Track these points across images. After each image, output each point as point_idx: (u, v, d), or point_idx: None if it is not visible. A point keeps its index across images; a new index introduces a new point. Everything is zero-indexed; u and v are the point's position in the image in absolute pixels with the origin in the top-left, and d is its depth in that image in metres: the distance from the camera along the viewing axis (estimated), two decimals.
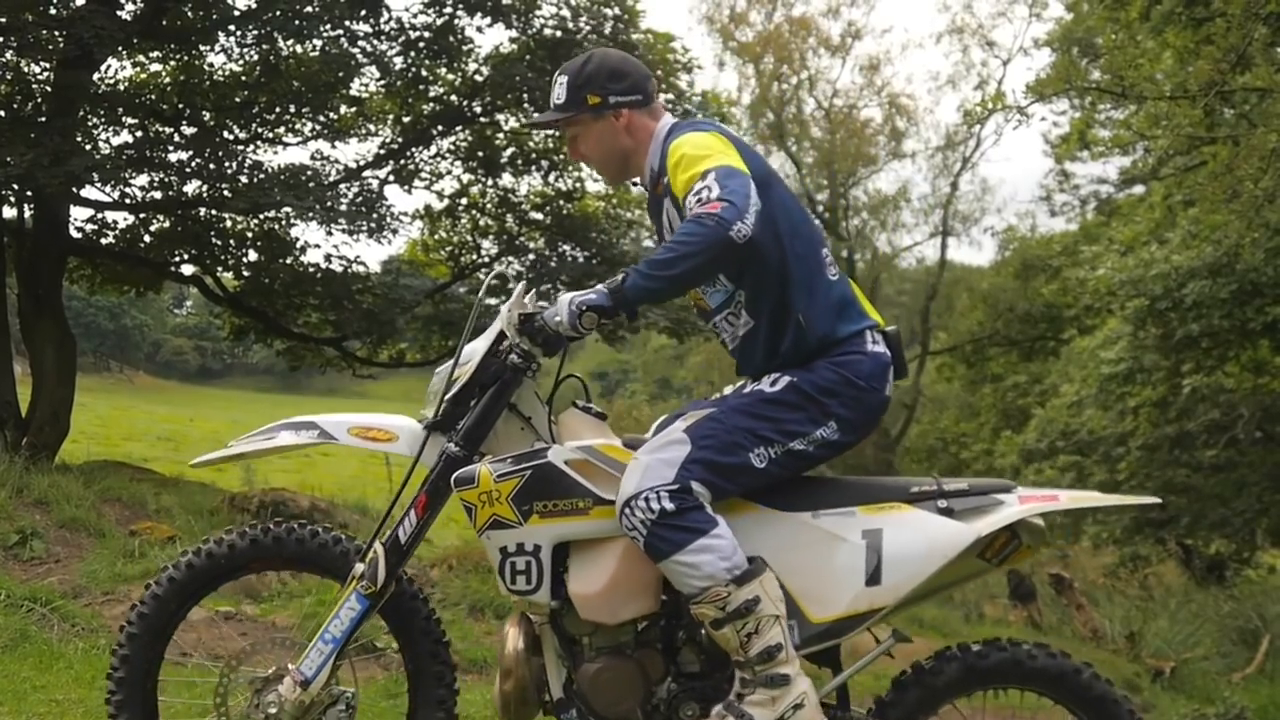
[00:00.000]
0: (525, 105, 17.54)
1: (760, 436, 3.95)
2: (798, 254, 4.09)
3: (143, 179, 15.80)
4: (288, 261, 17.13)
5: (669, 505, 3.78)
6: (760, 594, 3.81)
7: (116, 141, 16.00)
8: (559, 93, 4.25)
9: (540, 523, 3.91)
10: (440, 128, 18.30)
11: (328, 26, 15.98)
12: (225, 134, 16.78)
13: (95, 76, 15.11)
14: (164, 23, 15.31)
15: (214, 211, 16.42)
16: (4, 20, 13.57)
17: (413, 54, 17.35)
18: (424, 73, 17.80)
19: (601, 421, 4.20)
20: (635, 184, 4.49)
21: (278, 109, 16.93)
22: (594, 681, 3.97)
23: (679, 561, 3.78)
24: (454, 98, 18.11)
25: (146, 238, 17.13)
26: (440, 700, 4.23)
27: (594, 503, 3.93)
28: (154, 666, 4.15)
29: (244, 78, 16.80)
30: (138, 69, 17.03)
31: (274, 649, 4.22)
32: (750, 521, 3.99)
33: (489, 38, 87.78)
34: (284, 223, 16.93)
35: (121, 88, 16.38)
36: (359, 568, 4.05)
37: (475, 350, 4.14)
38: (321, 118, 17.41)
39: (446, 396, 4.11)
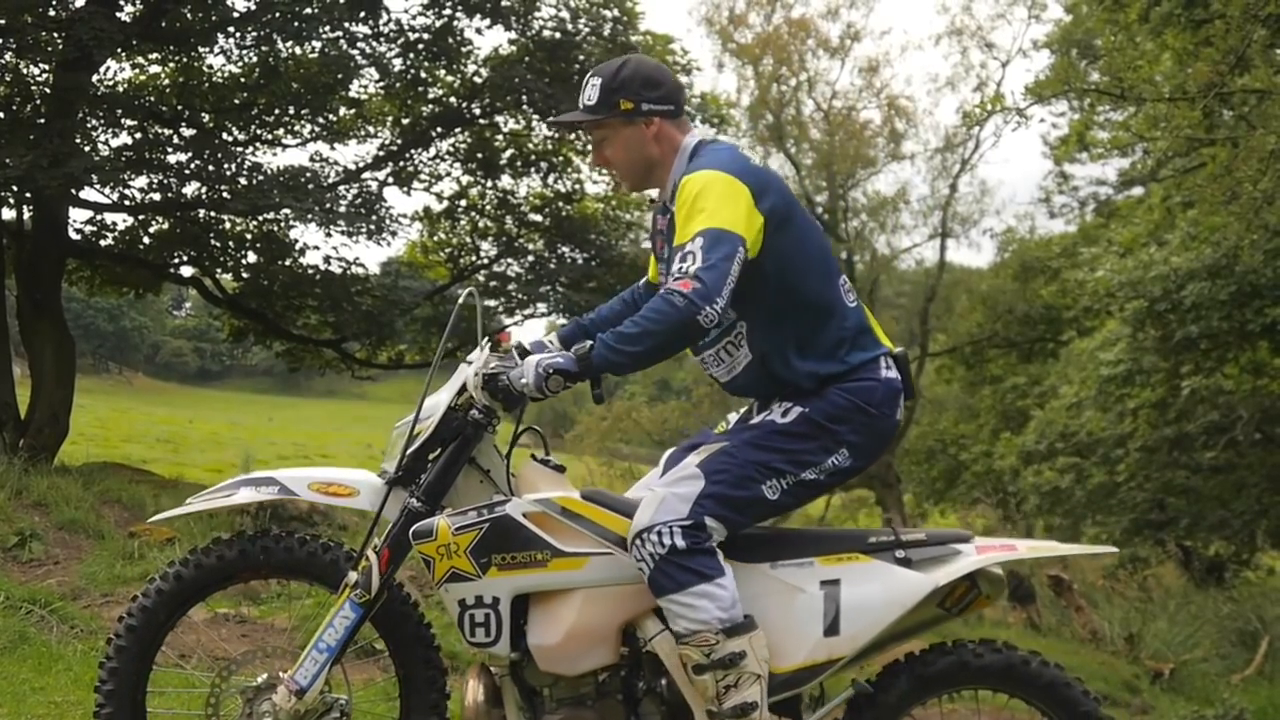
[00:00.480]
0: (524, 107, 17.57)
1: (772, 469, 3.96)
2: (813, 287, 4.08)
3: (142, 181, 15.81)
4: (287, 263, 17.15)
5: (680, 542, 3.80)
6: (748, 650, 3.83)
7: (115, 143, 16.03)
8: (591, 94, 4.19)
9: (499, 575, 3.92)
10: (439, 129, 18.32)
11: (327, 28, 15.99)
12: (224, 136, 16.78)
13: (94, 78, 15.11)
14: (163, 24, 15.32)
15: (213, 213, 16.44)
16: (3, 22, 13.59)
17: (412, 56, 17.38)
18: (423, 74, 17.82)
19: (560, 474, 4.21)
20: (652, 199, 4.43)
21: (277, 111, 16.94)
22: None
23: (677, 600, 3.80)
24: (453, 99, 18.13)
25: (145, 239, 17.13)
26: (433, 705, 4.23)
27: (552, 555, 3.95)
28: (142, 678, 4.13)
29: (243, 79, 16.81)
30: (137, 71, 17.04)
31: (266, 657, 4.21)
32: None
33: (488, 39, 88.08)
34: (283, 224, 16.94)
35: (120, 89, 16.38)
36: (352, 576, 4.04)
37: (437, 404, 4.11)
38: (321, 119, 17.42)
39: (408, 451, 4.10)
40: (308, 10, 15.67)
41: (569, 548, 3.95)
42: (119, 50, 15.25)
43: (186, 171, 15.63)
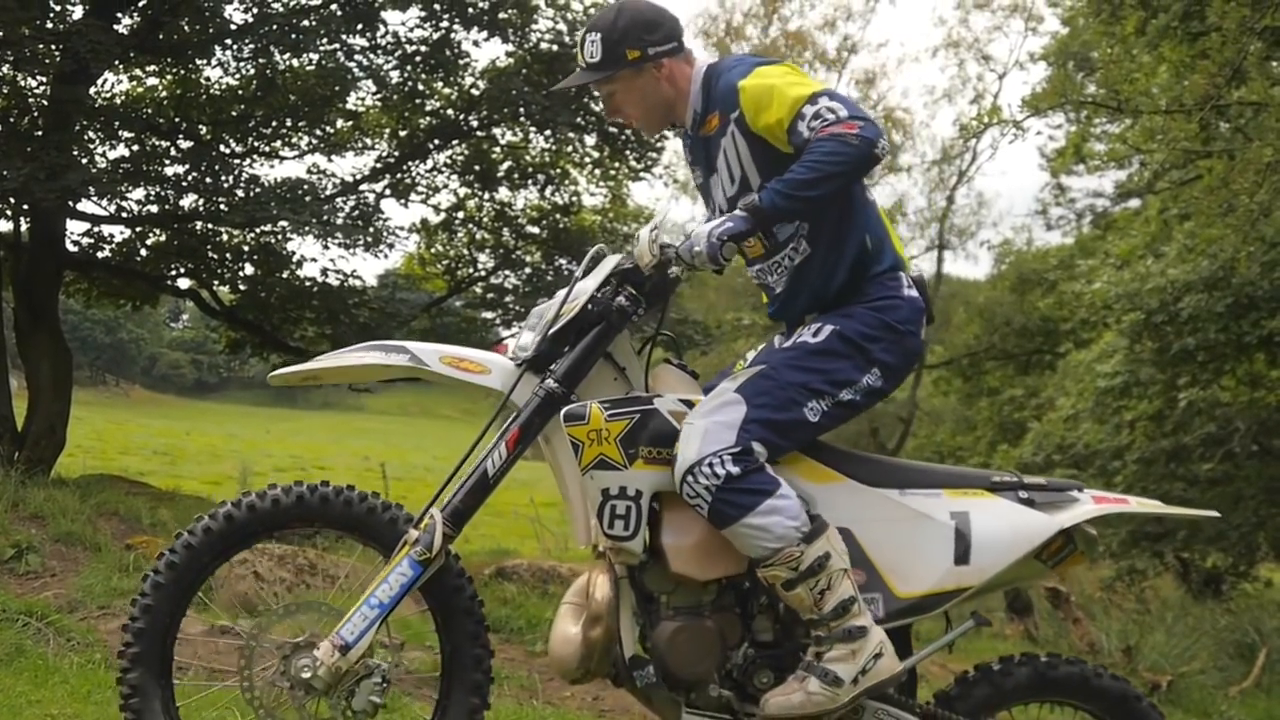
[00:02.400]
0: (522, 119, 17.58)
1: (812, 390, 3.93)
2: (859, 184, 4.10)
3: (139, 193, 15.85)
4: (284, 275, 17.15)
5: (733, 469, 3.75)
6: (829, 549, 3.80)
7: (113, 155, 16.05)
8: (592, 50, 4.15)
9: (644, 468, 3.86)
10: (437, 141, 18.32)
11: (324, 41, 16.02)
12: (222, 148, 16.79)
13: (92, 90, 15.13)
14: (160, 37, 15.34)
15: (210, 225, 16.44)
16: (0, 34, 13.58)
17: (409, 68, 17.39)
18: (420, 87, 17.83)
19: (694, 380, 4.17)
20: (672, 130, 4.43)
21: (274, 123, 16.96)
22: (672, 641, 3.89)
23: (748, 525, 3.75)
24: (450, 111, 18.14)
25: (143, 251, 17.15)
26: (476, 685, 4.04)
27: None
28: (175, 621, 3.92)
29: (240, 92, 16.82)
30: (134, 83, 17.06)
31: (306, 614, 4.02)
32: (838, 492, 4.00)
33: (485, 52, 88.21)
34: (280, 236, 16.93)
35: (118, 102, 16.41)
36: (413, 533, 3.86)
37: (584, 289, 4.01)
38: (318, 131, 17.44)
39: (550, 332, 3.98)
40: (305, 23, 15.71)
41: None
42: (116, 63, 15.27)
43: (184, 184, 15.64)
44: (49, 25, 14.16)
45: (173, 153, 16.27)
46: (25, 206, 14.45)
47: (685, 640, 3.90)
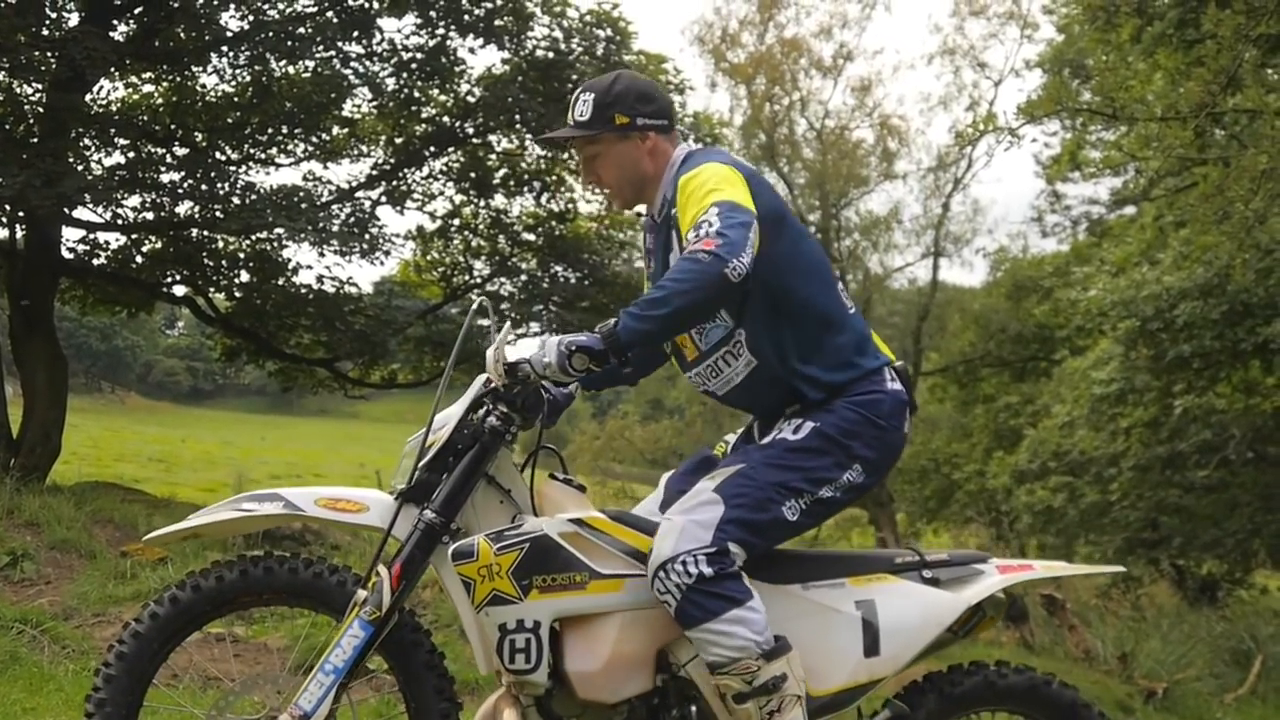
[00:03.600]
0: (517, 126, 17.60)
1: (791, 489, 3.88)
2: (812, 292, 4.02)
3: (135, 200, 15.83)
4: (280, 282, 17.14)
5: (706, 570, 3.70)
6: (787, 672, 3.75)
7: (109, 162, 16.05)
8: (583, 109, 4.11)
9: (540, 598, 3.77)
10: (432, 148, 18.34)
11: (320, 48, 16.04)
12: (217, 155, 16.79)
13: (87, 98, 15.13)
14: (156, 44, 15.36)
15: (206, 232, 16.44)
16: None
17: (405, 75, 17.40)
18: (416, 94, 17.85)
19: (582, 494, 4.10)
20: (640, 214, 4.37)
21: (270, 130, 16.96)
22: None
23: (711, 630, 3.70)
24: (446, 119, 18.16)
25: (138, 258, 17.13)
26: None
27: (590, 576, 3.82)
28: (133, 711, 3.84)
29: (236, 99, 16.83)
30: (130, 90, 17.07)
31: (262, 686, 3.97)
32: None
33: (481, 59, 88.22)
34: (276, 244, 16.94)
35: (114, 109, 16.42)
36: (361, 594, 3.79)
37: (450, 415, 3.95)
38: (314, 139, 17.45)
39: (421, 463, 3.90)
40: (301, 30, 15.72)
41: (605, 569, 3.83)
42: (112, 70, 15.27)
43: (179, 191, 15.64)
44: (45, 32, 14.17)
45: (169, 160, 16.28)
46: (21, 213, 14.46)
47: None
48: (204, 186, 15.57)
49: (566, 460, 4.35)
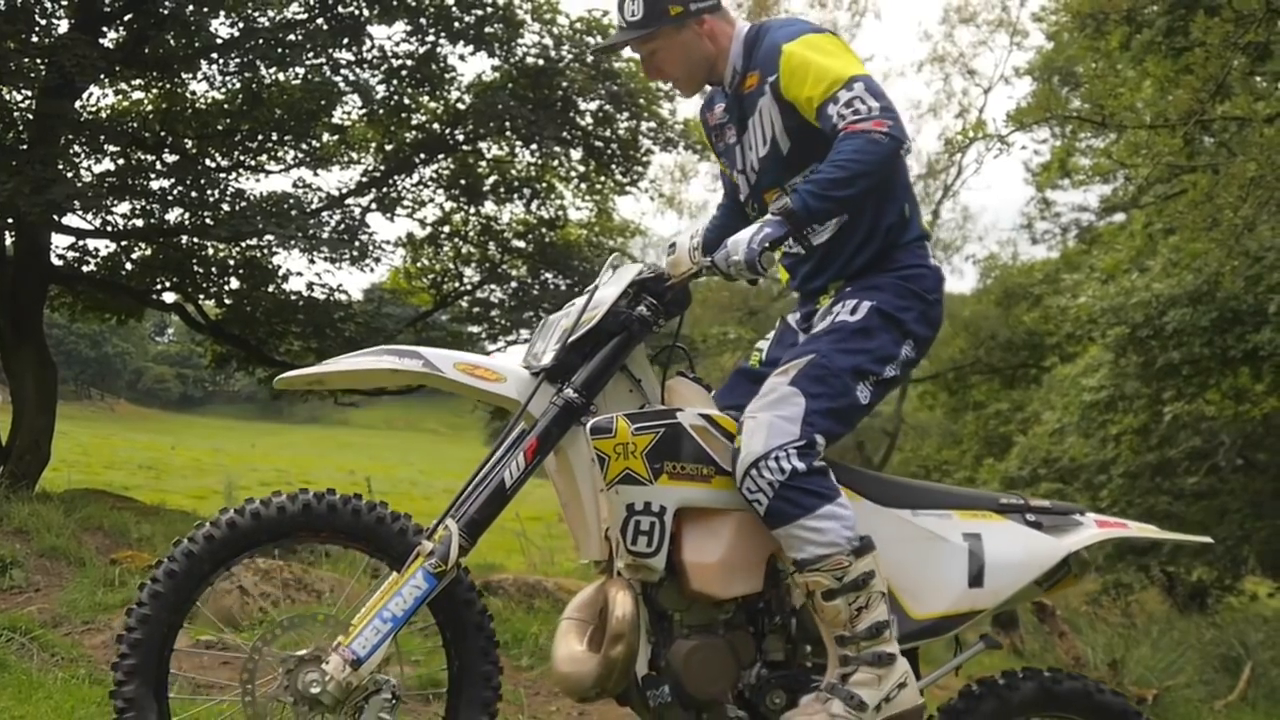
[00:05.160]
0: (508, 133, 17.60)
1: (861, 371, 3.92)
2: None
3: (124, 207, 15.85)
4: (270, 289, 17.13)
5: (799, 465, 3.71)
6: (875, 569, 3.76)
7: (98, 169, 16.05)
8: (634, 8, 4.08)
9: (669, 484, 3.77)
10: (422, 155, 18.34)
11: (310, 55, 16.03)
12: (207, 162, 16.79)
13: (77, 104, 15.13)
14: (146, 51, 15.34)
15: (196, 239, 16.43)
16: None
17: (395, 82, 17.40)
18: (406, 101, 17.85)
19: (708, 393, 4.12)
20: (715, 85, 4.35)
21: (260, 137, 16.96)
22: (688, 660, 3.81)
23: (804, 525, 3.70)
24: (436, 126, 18.16)
25: (128, 265, 17.12)
26: (485, 703, 3.94)
27: (715, 471, 3.83)
28: (173, 633, 3.74)
29: (226, 106, 16.82)
30: (120, 97, 17.05)
31: (311, 626, 3.85)
32: (854, 511, 3.89)
33: (471, 66, 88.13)
34: (266, 251, 16.93)
35: (103, 116, 16.41)
36: (427, 545, 3.71)
37: (605, 298, 3.93)
38: (304, 145, 17.44)
39: (569, 340, 3.87)
40: (291, 37, 15.72)
41: (728, 466, 3.83)
42: (102, 76, 15.25)
43: (169, 198, 15.65)
44: (34, 39, 14.16)
45: (158, 167, 16.27)
46: (10, 220, 14.42)
47: (701, 659, 3.83)
48: (194, 193, 15.58)
49: (693, 358, 4.34)
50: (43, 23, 14.62)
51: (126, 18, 15.39)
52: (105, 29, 15.30)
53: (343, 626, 3.74)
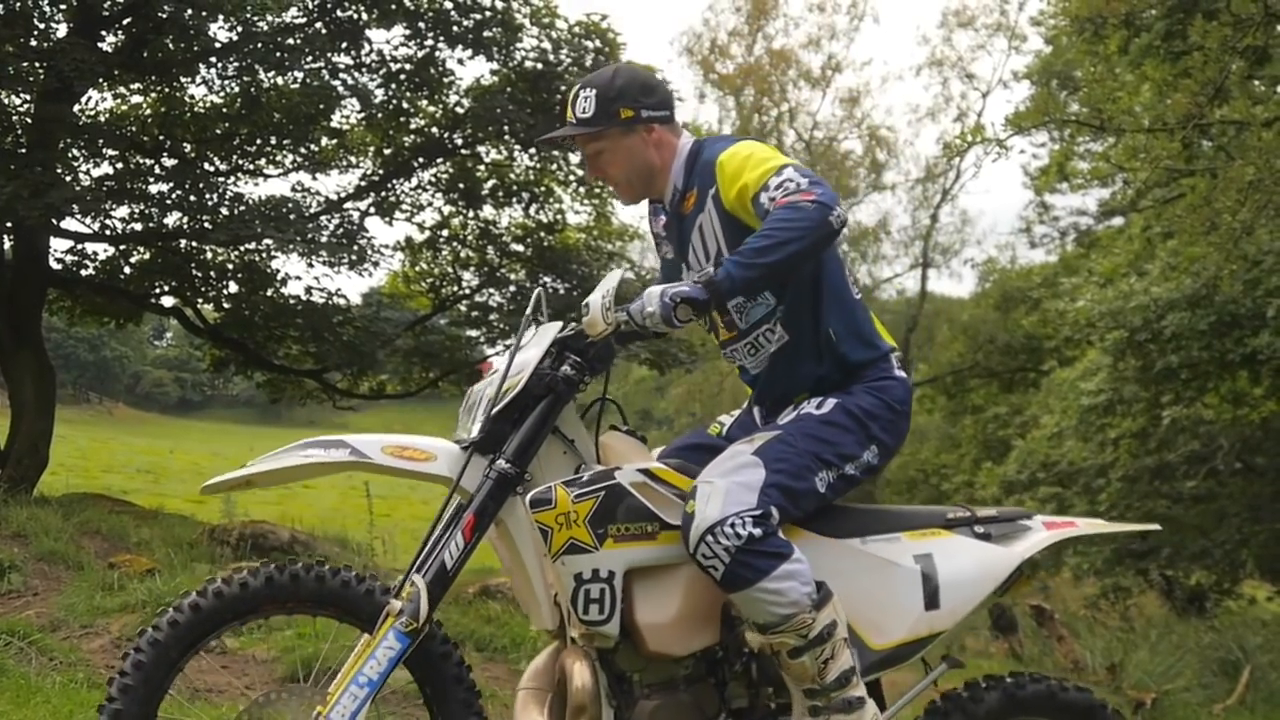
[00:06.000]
0: (506, 137, 17.59)
1: (823, 460, 3.87)
2: (835, 275, 4.08)
3: (123, 211, 15.84)
4: (268, 293, 17.12)
5: (755, 530, 3.64)
6: (836, 617, 3.74)
7: (97, 173, 16.05)
8: (585, 106, 4.08)
9: (615, 547, 3.71)
10: (421, 159, 18.33)
11: (309, 59, 16.02)
12: (206, 166, 16.78)
13: (76, 108, 15.12)
14: (145, 55, 15.33)
15: (194, 243, 16.42)
16: None
17: (394, 86, 17.40)
18: (405, 105, 17.85)
19: (643, 445, 4.09)
20: (653, 201, 4.36)
21: (259, 141, 16.95)
22: None
23: (763, 589, 3.65)
24: (435, 129, 18.15)
25: (126, 269, 17.11)
26: None
27: (660, 527, 3.78)
28: None
29: (225, 110, 16.81)
30: (118, 101, 17.05)
31: (289, 700, 3.78)
32: (804, 548, 3.83)
33: (470, 70, 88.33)
34: (265, 255, 16.92)
35: (102, 120, 16.39)
36: (396, 604, 3.66)
37: (527, 361, 3.87)
38: (302, 150, 17.43)
39: (494, 410, 3.81)
40: (290, 41, 15.71)
41: (674, 520, 3.77)
42: (100, 81, 15.26)
43: (168, 202, 15.63)
44: (33, 43, 14.15)
45: (157, 171, 16.26)
46: (9, 224, 14.42)
47: (666, 719, 3.81)
48: (192, 197, 15.56)
49: (624, 410, 4.31)
50: (41, 27, 14.62)
51: (125, 22, 15.39)
52: (104, 33, 15.29)
53: (320, 696, 3.70)
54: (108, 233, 16.05)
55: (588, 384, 3.95)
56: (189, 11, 14.04)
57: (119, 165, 16.15)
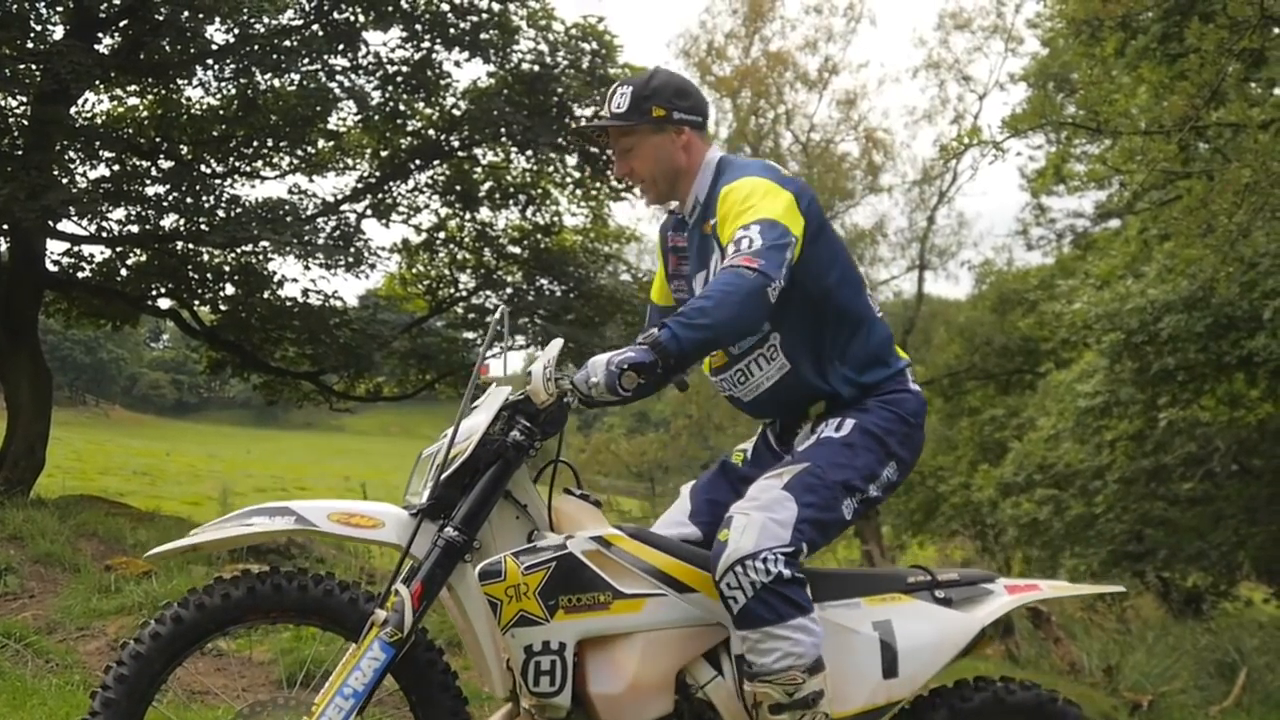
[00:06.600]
0: (503, 139, 17.58)
1: (850, 487, 3.92)
2: (848, 296, 4.09)
3: (120, 213, 15.78)
4: (265, 295, 17.09)
5: (785, 570, 3.68)
6: (825, 690, 3.74)
7: (93, 175, 16.00)
8: (620, 102, 4.19)
9: (566, 619, 3.70)
10: (418, 161, 18.31)
11: (306, 61, 16.01)
12: (203, 168, 16.76)
13: (72, 110, 15.09)
14: (141, 57, 15.33)
15: (191, 245, 16.40)
16: None
17: (390, 88, 17.38)
18: (402, 107, 17.83)
19: (597, 509, 4.03)
20: (672, 210, 4.41)
21: (255, 143, 16.92)
22: None
23: (774, 633, 3.68)
24: (432, 132, 18.13)
25: (123, 271, 17.08)
26: None
27: (613, 596, 3.77)
28: None
29: (222, 112, 16.79)
30: (115, 103, 17.03)
31: (274, 712, 3.76)
32: None
33: (467, 72, 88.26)
34: (261, 257, 16.88)
35: (99, 121, 16.37)
36: (380, 614, 3.67)
37: (474, 426, 3.84)
38: (299, 152, 17.42)
39: (442, 477, 3.79)
40: (287, 43, 15.70)
41: (627, 589, 3.77)
42: (97, 82, 15.24)
43: (165, 204, 15.60)
44: (29, 45, 14.13)
45: (153, 173, 16.23)
46: (5, 226, 14.42)
47: None
48: (189, 199, 15.53)
49: (579, 473, 4.29)
50: (38, 28, 14.59)
51: (122, 24, 15.38)
52: (101, 35, 15.28)
53: (305, 707, 3.69)
54: (104, 235, 16.02)
55: (538, 449, 3.91)
56: (185, 14, 14.02)
57: (116, 167, 16.13)
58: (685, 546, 4.02)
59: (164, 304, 18.09)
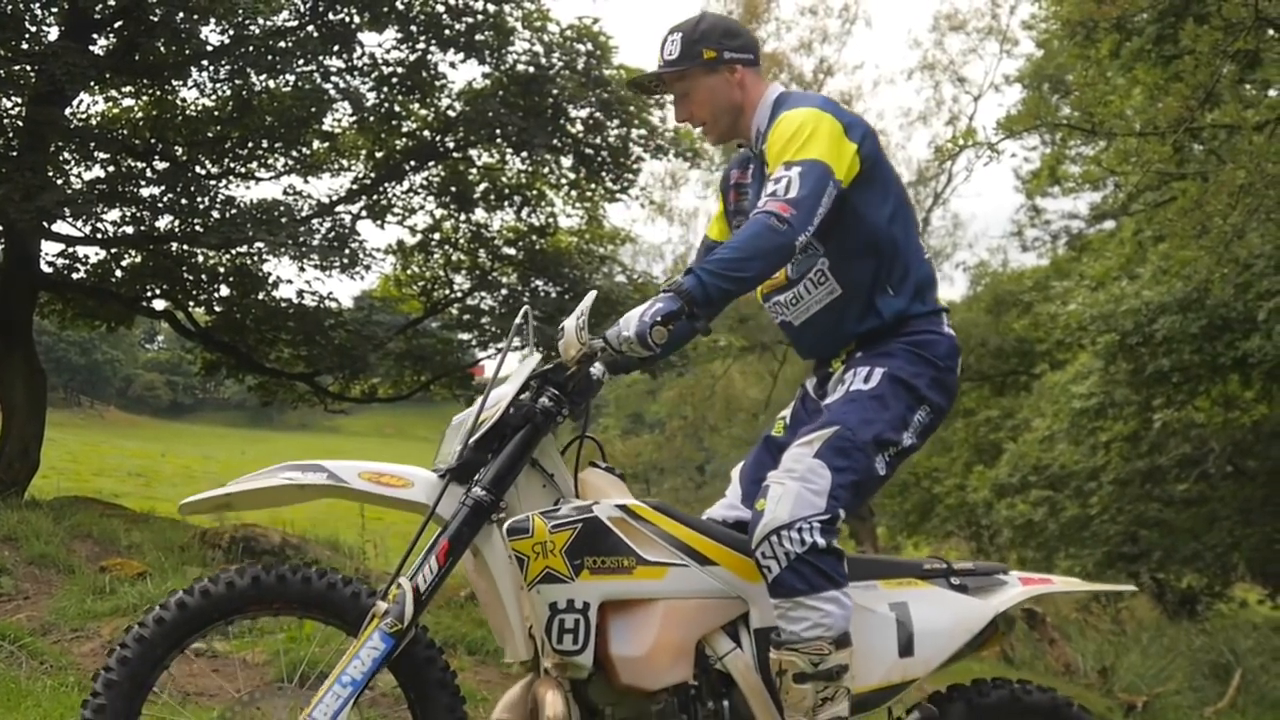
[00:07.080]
0: (498, 140, 17.56)
1: (881, 441, 3.95)
2: (898, 231, 4.15)
3: (114, 214, 15.76)
4: (260, 297, 17.07)
5: (820, 540, 3.73)
6: (850, 664, 3.78)
7: (88, 176, 15.97)
8: (671, 49, 4.26)
9: (590, 579, 3.74)
10: (413, 163, 18.28)
11: (301, 62, 15.99)
12: (197, 169, 16.73)
13: (67, 111, 15.08)
14: (136, 58, 15.31)
15: (186, 247, 16.38)
16: None
17: (386, 89, 17.36)
18: (397, 108, 17.80)
19: (621, 482, 4.10)
20: (740, 145, 4.48)
21: (250, 144, 16.90)
22: None
23: (806, 603, 3.73)
24: (427, 133, 18.11)
25: (118, 273, 17.05)
26: None
27: (636, 562, 3.81)
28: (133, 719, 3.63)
29: (217, 113, 16.77)
30: (110, 104, 17.00)
31: (271, 700, 3.80)
32: None
33: (462, 73, 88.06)
34: (256, 258, 16.86)
35: (94, 123, 16.34)
36: (382, 605, 3.69)
37: (503, 393, 3.92)
38: (294, 153, 17.39)
39: (471, 440, 3.86)
40: (282, 44, 15.69)
41: (650, 556, 3.82)
42: (92, 84, 15.22)
43: (160, 205, 15.58)
44: (24, 46, 14.12)
45: (148, 174, 16.21)
46: (0, 227, 14.40)
47: None
48: (184, 200, 15.51)
49: (604, 447, 4.33)
50: (33, 30, 14.58)
51: (117, 25, 15.36)
52: (95, 36, 15.26)
53: (305, 697, 3.72)
54: (99, 236, 16.00)
55: (565, 417, 3.95)
56: (180, 15, 14.01)
57: (110, 168, 16.10)
58: (707, 522, 4.12)
59: (159, 305, 18.06)
